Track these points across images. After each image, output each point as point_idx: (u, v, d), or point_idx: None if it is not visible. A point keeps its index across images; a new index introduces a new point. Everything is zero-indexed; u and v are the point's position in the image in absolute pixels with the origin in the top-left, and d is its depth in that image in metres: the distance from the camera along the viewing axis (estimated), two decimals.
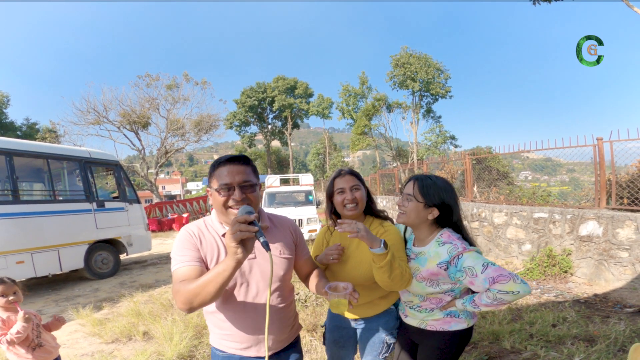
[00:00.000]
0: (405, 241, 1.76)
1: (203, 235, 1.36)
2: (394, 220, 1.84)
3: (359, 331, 1.84)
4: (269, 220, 1.50)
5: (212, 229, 1.40)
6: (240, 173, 1.32)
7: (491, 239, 6.49)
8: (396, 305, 1.79)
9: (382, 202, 12.63)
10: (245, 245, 1.09)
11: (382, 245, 1.42)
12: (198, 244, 1.33)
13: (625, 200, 4.94)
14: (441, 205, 1.57)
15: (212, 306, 1.40)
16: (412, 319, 1.71)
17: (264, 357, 1.45)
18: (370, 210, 1.82)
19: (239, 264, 1.10)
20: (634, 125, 5.36)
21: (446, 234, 1.58)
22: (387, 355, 1.79)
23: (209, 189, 1.38)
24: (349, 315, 1.81)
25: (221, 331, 1.43)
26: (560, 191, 9.91)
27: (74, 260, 6.54)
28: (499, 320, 3.63)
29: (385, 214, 1.84)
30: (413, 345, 1.78)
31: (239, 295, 1.38)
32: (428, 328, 1.64)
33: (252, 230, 1.08)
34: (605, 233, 4.66)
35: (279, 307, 1.46)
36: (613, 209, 4.90)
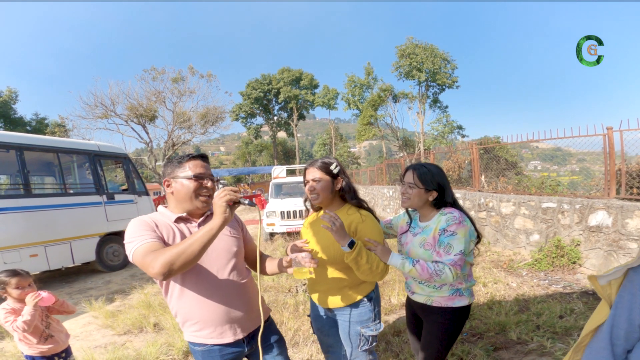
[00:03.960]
0: (411, 219, 1.96)
1: (157, 220, 1.48)
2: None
3: (337, 321, 1.86)
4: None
5: (165, 217, 1.52)
6: (208, 168, 1.56)
7: (499, 229, 6.46)
8: (370, 298, 1.80)
9: (389, 192, 12.61)
10: (231, 208, 1.31)
11: (346, 245, 1.60)
12: (154, 226, 1.43)
13: (635, 190, 4.87)
14: (438, 188, 1.80)
15: (177, 292, 1.48)
16: (419, 296, 1.87)
17: (241, 340, 1.55)
18: (349, 198, 1.84)
19: (225, 222, 1.29)
20: None
21: (448, 208, 1.79)
22: (367, 348, 1.80)
23: (170, 179, 1.51)
24: (323, 304, 1.86)
25: (192, 322, 1.50)
26: (571, 181, 9.78)
27: (86, 252, 6.66)
28: (505, 311, 3.64)
29: (365, 204, 1.85)
30: (418, 321, 1.99)
31: (200, 278, 1.48)
32: (434, 304, 1.81)
33: (238, 195, 1.33)
34: (615, 223, 4.61)
35: (240, 282, 1.57)
36: (623, 198, 4.84)
